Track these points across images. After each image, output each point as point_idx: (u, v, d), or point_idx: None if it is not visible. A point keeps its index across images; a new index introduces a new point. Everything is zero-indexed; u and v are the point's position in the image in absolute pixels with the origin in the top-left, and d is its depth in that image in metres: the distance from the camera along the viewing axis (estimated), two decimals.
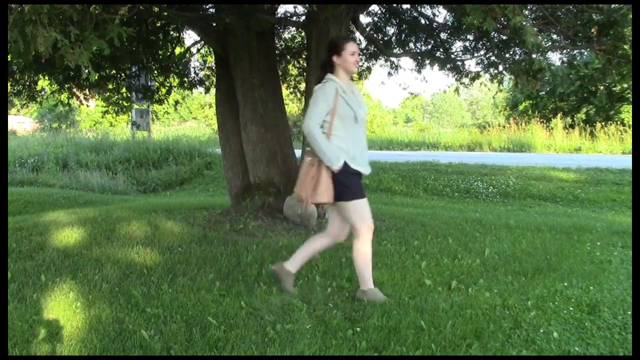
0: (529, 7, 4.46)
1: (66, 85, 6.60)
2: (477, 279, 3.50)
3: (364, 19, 13.68)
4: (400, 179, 10.49)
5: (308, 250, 3.23)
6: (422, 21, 6.47)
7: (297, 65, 7.63)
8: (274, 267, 3.32)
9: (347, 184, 2.94)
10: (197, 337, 2.57)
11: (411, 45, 6.72)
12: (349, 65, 3.02)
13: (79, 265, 3.77)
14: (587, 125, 18.20)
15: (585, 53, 5.45)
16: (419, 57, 6.57)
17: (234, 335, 2.59)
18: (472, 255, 4.10)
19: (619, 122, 17.63)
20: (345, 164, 2.92)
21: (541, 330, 2.67)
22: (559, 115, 19.80)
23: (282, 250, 4.12)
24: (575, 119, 19.86)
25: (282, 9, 9.84)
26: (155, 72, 6.90)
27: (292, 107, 19.20)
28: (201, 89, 7.72)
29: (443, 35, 6.43)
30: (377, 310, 2.88)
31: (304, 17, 6.15)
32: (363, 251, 3.02)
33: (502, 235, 4.90)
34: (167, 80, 7.28)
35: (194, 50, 7.37)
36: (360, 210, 2.97)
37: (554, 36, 4.87)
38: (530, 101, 22.36)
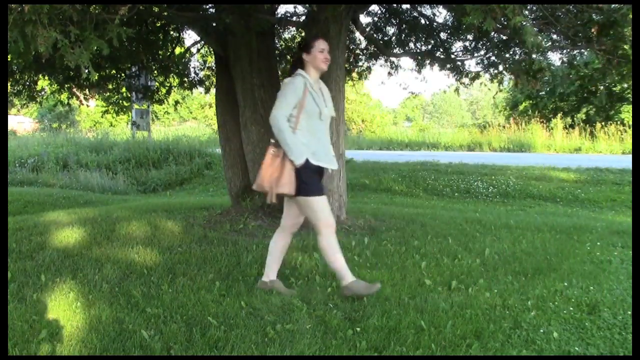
0: (529, 7, 4.46)
1: (66, 85, 6.60)
2: (477, 279, 3.50)
3: (364, 19, 13.69)
4: (400, 179, 10.48)
5: (275, 254, 3.26)
6: (422, 21, 6.46)
7: None
8: (258, 285, 3.29)
9: (306, 180, 2.98)
10: (197, 337, 2.57)
11: (411, 45, 6.71)
12: (318, 62, 3.09)
13: (79, 265, 3.77)
14: (587, 125, 18.20)
15: (585, 53, 5.44)
16: (419, 57, 6.57)
17: (234, 335, 2.59)
18: (472, 255, 4.10)
19: (619, 122, 17.64)
20: (306, 160, 2.97)
21: (541, 330, 2.67)
22: (559, 115, 19.80)
23: None
24: (575, 119, 19.87)
25: (282, 9, 9.84)
26: (155, 72, 6.89)
27: None
28: (201, 89, 7.71)
29: (443, 35, 6.43)
30: (377, 310, 2.88)
31: (304, 17, 6.14)
32: (328, 245, 3.03)
33: (502, 235, 4.89)
34: (167, 80, 7.27)
35: (194, 50, 7.36)
36: (319, 208, 3.01)
37: (554, 36, 4.87)
38: (530, 101, 22.36)
